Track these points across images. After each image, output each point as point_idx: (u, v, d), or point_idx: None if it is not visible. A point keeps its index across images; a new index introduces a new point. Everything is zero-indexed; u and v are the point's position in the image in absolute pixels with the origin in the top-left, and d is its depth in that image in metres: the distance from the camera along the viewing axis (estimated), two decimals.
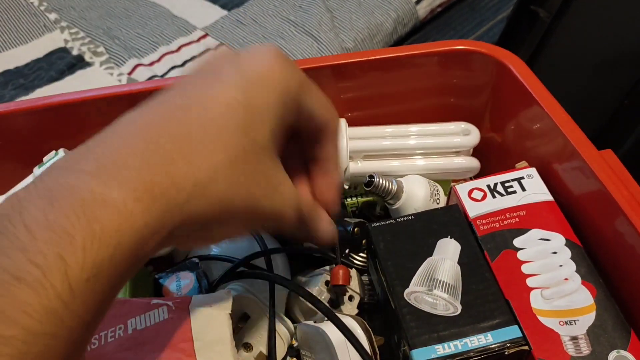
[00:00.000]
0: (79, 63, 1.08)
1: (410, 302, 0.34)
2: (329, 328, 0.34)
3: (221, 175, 0.22)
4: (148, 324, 0.31)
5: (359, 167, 0.48)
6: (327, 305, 0.36)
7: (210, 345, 0.30)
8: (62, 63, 1.08)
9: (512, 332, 0.32)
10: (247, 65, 0.25)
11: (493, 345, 0.32)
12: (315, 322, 0.37)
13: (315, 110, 0.28)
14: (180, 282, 0.41)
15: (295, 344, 0.40)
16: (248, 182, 0.24)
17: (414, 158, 0.49)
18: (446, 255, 0.36)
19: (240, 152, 0.23)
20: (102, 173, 0.20)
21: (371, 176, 0.43)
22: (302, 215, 0.28)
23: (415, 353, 0.32)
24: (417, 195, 0.43)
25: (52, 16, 1.20)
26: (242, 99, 0.24)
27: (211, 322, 0.31)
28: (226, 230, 0.25)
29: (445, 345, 0.32)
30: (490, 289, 0.35)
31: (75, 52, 1.11)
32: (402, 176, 0.46)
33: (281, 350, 0.38)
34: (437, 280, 0.35)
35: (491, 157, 0.51)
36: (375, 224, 0.39)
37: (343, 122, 0.48)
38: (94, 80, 1.04)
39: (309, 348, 0.37)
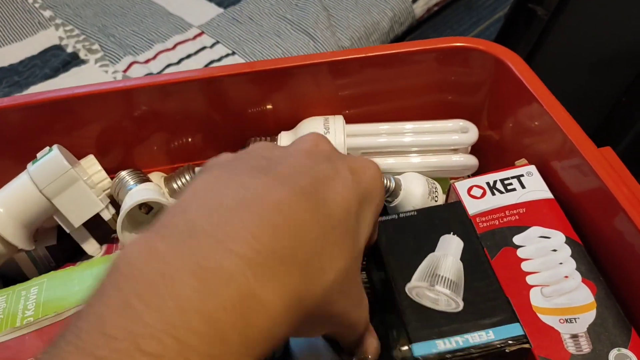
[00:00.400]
0: (74, 60, 1.08)
1: (411, 297, 0.34)
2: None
3: (338, 282, 0.21)
4: None
5: None
6: None
7: None
8: (57, 60, 1.07)
9: (513, 330, 0.32)
10: (360, 173, 0.25)
11: (494, 342, 0.32)
12: None
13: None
14: None
15: None
16: (349, 290, 0.23)
17: (412, 155, 0.48)
18: (448, 252, 0.36)
19: (352, 260, 0.23)
20: (259, 265, 0.18)
21: None
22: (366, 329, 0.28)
23: (416, 347, 0.31)
24: (415, 193, 0.43)
25: (47, 13, 1.19)
26: (357, 207, 0.23)
27: None
28: (313, 331, 0.25)
29: (446, 340, 0.32)
30: (492, 286, 0.34)
31: (70, 50, 1.10)
32: (400, 173, 0.46)
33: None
34: (439, 276, 0.34)
35: (489, 155, 0.50)
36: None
37: (340, 119, 0.48)
38: (88, 77, 1.04)
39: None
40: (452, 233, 0.37)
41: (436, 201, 0.45)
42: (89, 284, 0.39)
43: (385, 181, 0.43)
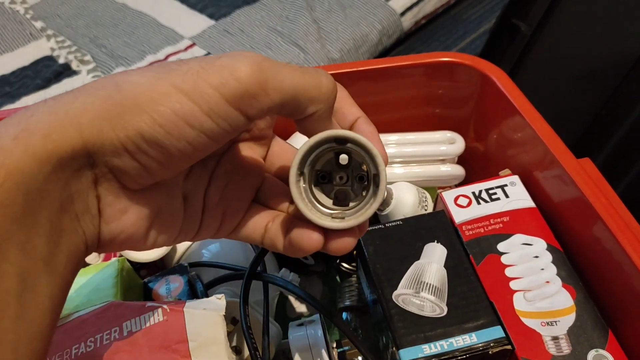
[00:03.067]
0: (66, 71, 1.08)
1: (398, 303, 0.35)
2: (294, 333, 0.35)
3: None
4: (143, 326, 0.32)
5: None
6: (322, 304, 0.37)
7: (205, 345, 0.31)
8: (49, 71, 1.07)
9: (495, 333, 0.34)
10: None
11: (477, 345, 0.33)
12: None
13: None
14: (170, 286, 0.41)
15: None
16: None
17: (402, 165, 0.50)
18: (433, 259, 0.37)
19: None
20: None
21: None
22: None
23: (403, 352, 0.33)
24: (406, 202, 0.45)
25: (38, 24, 1.20)
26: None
27: (205, 323, 0.32)
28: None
29: (432, 345, 0.33)
30: (475, 291, 0.36)
31: (61, 61, 1.11)
32: (391, 183, 0.48)
33: (271, 352, 0.39)
34: (424, 282, 0.36)
35: (475, 165, 0.52)
36: None
37: None
38: None
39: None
40: (435, 241, 0.39)
41: (426, 210, 0.46)
42: (87, 290, 0.40)
43: None
